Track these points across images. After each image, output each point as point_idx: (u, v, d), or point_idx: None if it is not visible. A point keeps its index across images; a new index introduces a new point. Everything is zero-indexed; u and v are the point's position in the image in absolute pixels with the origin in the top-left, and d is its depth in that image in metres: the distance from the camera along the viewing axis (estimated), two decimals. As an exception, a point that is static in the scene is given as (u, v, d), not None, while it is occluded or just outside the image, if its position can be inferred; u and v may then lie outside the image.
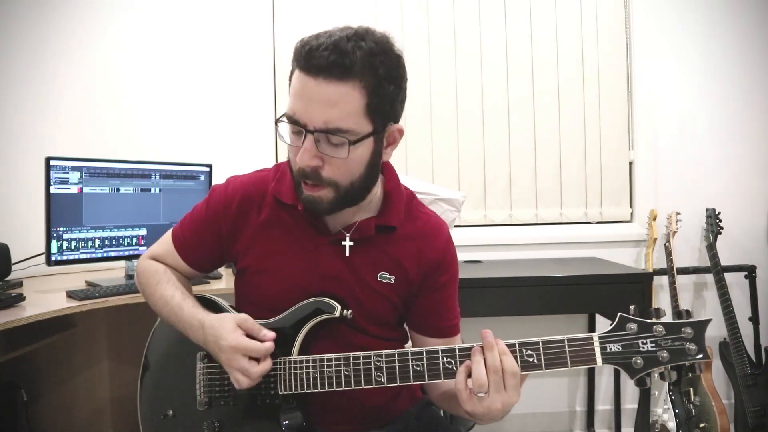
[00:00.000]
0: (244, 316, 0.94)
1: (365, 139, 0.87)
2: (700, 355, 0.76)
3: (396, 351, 0.89)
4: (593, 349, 0.80)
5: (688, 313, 0.79)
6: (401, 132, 0.95)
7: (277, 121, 0.90)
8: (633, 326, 0.79)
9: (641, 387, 0.80)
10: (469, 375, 0.82)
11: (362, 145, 0.87)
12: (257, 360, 0.91)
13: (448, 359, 0.86)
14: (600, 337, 0.80)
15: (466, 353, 0.85)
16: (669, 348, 0.77)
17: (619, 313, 0.80)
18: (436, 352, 0.87)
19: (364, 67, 0.83)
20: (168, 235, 1.12)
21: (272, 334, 0.92)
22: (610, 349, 0.79)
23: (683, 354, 0.77)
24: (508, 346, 0.83)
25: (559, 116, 2.47)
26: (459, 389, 0.82)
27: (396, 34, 0.91)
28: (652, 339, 0.78)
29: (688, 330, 0.77)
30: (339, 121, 0.83)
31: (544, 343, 0.82)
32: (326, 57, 0.81)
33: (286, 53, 2.40)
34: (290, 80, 0.88)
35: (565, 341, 0.81)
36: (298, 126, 0.85)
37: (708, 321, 0.77)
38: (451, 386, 0.85)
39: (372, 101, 0.85)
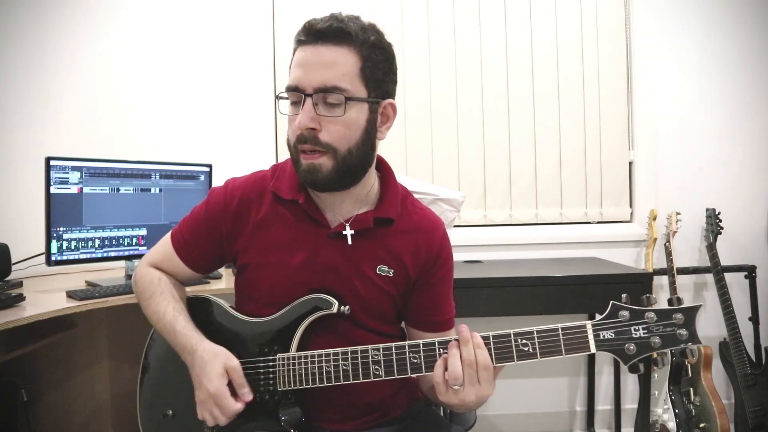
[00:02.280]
0: (235, 364, 0.95)
1: (360, 102, 0.93)
2: (691, 340, 0.78)
3: (393, 344, 0.90)
4: (587, 337, 0.81)
5: (679, 301, 0.81)
6: (394, 108, 1.00)
7: (277, 96, 0.95)
8: (625, 314, 0.81)
9: (635, 373, 0.81)
10: (446, 368, 0.84)
11: (357, 106, 0.93)
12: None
13: (445, 350, 0.86)
14: (593, 325, 0.82)
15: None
16: (661, 334, 0.79)
17: (611, 301, 0.82)
18: (433, 343, 0.88)
19: (358, 34, 0.91)
20: (167, 239, 1.13)
21: (249, 397, 0.94)
22: (604, 336, 0.81)
23: (674, 340, 0.79)
24: (503, 336, 0.84)
25: (559, 116, 2.47)
26: (437, 382, 0.85)
27: (396, 34, 0.94)
28: (644, 326, 0.80)
29: (679, 316, 0.79)
30: (336, 80, 0.90)
31: (538, 332, 0.83)
32: (324, 22, 0.91)
33: (286, 53, 2.40)
34: (290, 69, 0.95)
35: (559, 330, 0.82)
36: (297, 92, 0.91)
37: (698, 307, 0.79)
38: None
39: (366, 66, 0.92)
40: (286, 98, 0.95)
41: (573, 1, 2.46)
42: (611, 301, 0.82)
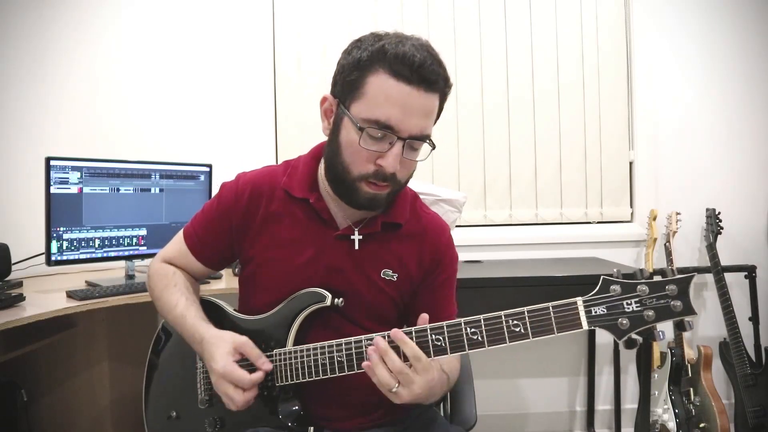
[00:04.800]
0: (244, 339, 0.95)
1: None
2: (686, 312, 0.75)
3: (386, 333, 0.89)
4: (578, 314, 0.79)
5: (673, 272, 0.79)
6: None
7: (362, 128, 0.89)
8: (617, 288, 0.78)
9: (631, 348, 0.79)
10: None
11: None
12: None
13: (437, 336, 0.86)
14: (584, 301, 0.80)
15: (455, 330, 0.85)
16: (654, 306, 0.76)
17: (602, 276, 0.80)
18: (425, 330, 0.87)
19: (448, 79, 0.92)
20: (179, 235, 1.13)
21: (269, 366, 0.94)
22: (595, 312, 0.79)
23: (669, 311, 0.76)
24: (494, 318, 0.84)
25: (559, 116, 2.47)
26: (385, 392, 0.86)
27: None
28: (637, 299, 0.77)
29: (672, 287, 0.76)
30: (429, 130, 0.92)
31: (529, 311, 0.82)
32: (436, 72, 0.88)
33: (286, 53, 2.40)
34: (357, 80, 0.89)
35: (550, 308, 0.81)
36: (392, 133, 0.88)
37: (691, 276, 0.76)
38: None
39: (440, 108, 0.95)
40: (357, 126, 0.89)
41: (573, 1, 2.46)
42: (602, 276, 0.80)
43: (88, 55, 2.30)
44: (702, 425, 2.13)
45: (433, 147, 0.94)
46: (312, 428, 0.98)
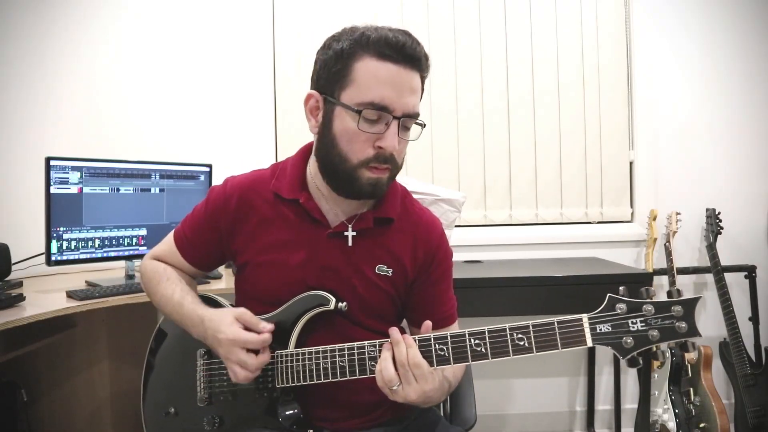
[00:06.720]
0: (242, 309, 0.97)
1: None
2: (691, 333, 0.77)
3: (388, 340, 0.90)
4: (583, 330, 0.80)
5: (679, 293, 0.79)
6: None
7: (359, 110, 0.90)
8: (622, 306, 0.79)
9: (633, 367, 0.80)
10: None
11: None
12: (256, 352, 0.93)
13: (441, 346, 0.86)
14: (590, 318, 0.80)
15: (459, 341, 0.86)
16: (659, 327, 0.77)
17: (608, 294, 0.81)
18: (429, 339, 0.88)
19: (428, 57, 0.94)
20: (170, 236, 1.15)
21: (270, 326, 0.95)
22: (600, 329, 0.80)
23: (673, 332, 0.77)
24: (498, 330, 0.84)
25: (559, 116, 2.47)
26: (380, 386, 0.87)
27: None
28: (642, 318, 0.78)
29: (678, 308, 0.77)
30: (418, 107, 0.95)
31: (534, 326, 0.83)
32: (418, 50, 0.91)
33: (286, 53, 2.40)
34: (343, 70, 0.91)
35: (555, 323, 0.82)
36: (387, 112, 0.90)
37: (697, 299, 0.77)
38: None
39: (423, 90, 0.97)
40: (354, 110, 0.90)
41: (573, 1, 2.46)
42: (608, 294, 0.81)
43: (88, 55, 2.30)
44: (702, 425, 2.13)
45: (424, 125, 0.97)
46: (311, 431, 0.98)
